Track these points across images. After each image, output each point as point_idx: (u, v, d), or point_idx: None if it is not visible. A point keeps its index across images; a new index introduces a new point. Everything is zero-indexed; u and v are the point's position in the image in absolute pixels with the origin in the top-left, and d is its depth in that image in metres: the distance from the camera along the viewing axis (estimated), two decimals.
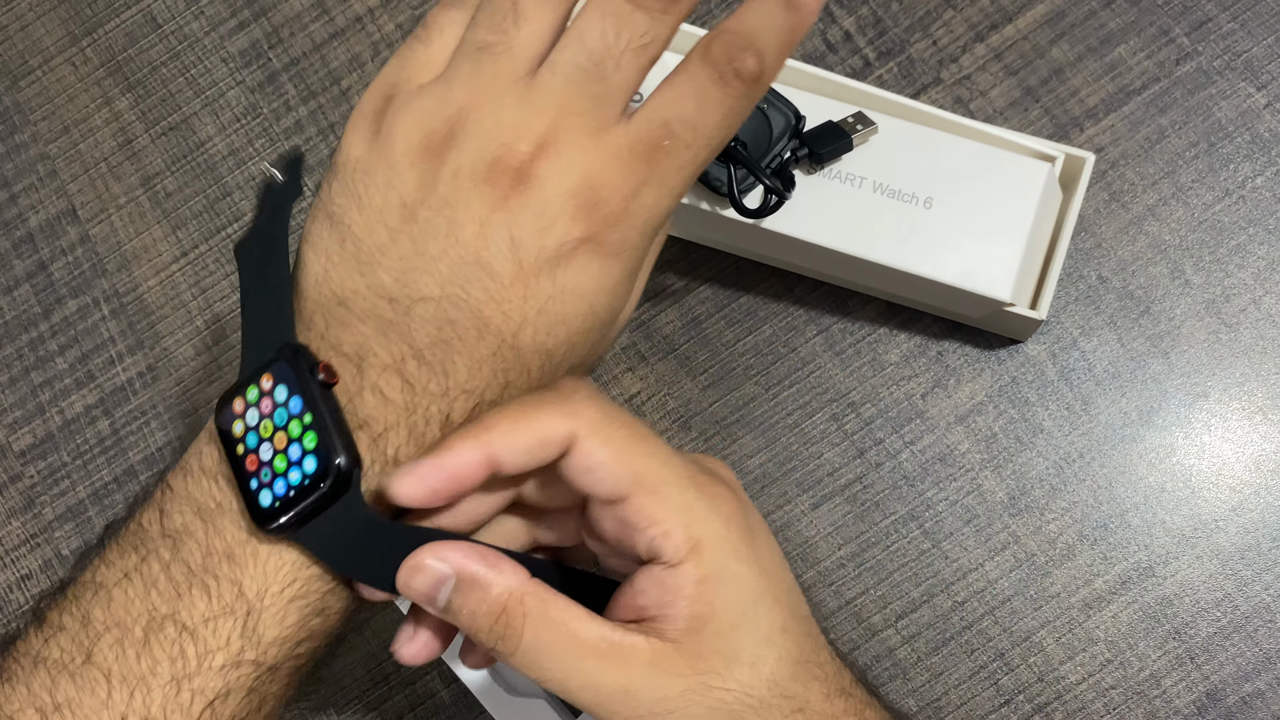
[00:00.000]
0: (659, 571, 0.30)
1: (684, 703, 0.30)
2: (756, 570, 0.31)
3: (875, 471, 0.46)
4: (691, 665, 0.30)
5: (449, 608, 0.29)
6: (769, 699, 0.31)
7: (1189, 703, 0.42)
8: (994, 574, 0.44)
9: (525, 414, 0.30)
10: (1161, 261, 0.46)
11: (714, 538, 0.31)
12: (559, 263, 0.30)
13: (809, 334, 0.47)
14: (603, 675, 0.29)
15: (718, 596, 0.30)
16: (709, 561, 0.30)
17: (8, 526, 0.50)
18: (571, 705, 0.44)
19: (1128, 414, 0.45)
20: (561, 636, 0.29)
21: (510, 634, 0.29)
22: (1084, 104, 0.48)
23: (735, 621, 0.31)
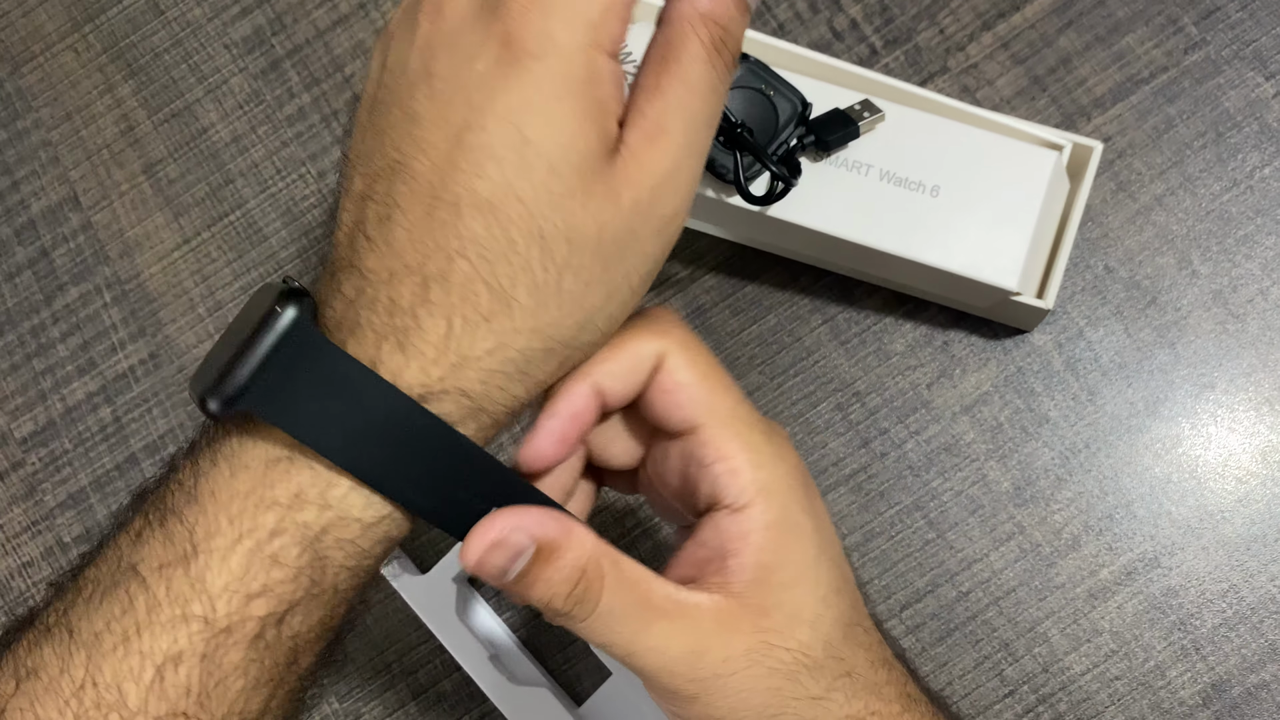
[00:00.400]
0: (723, 517, 0.30)
1: (747, 663, 0.29)
2: (817, 525, 0.31)
3: (880, 461, 0.45)
4: (755, 623, 0.29)
5: (522, 578, 0.27)
6: (823, 660, 0.30)
7: (1194, 694, 0.42)
8: (999, 564, 0.44)
9: (617, 339, 0.29)
10: (1169, 252, 0.46)
11: (781, 485, 0.30)
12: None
13: (814, 323, 0.47)
14: (671, 637, 0.29)
15: (783, 546, 0.30)
16: (776, 507, 0.30)
17: (9, 514, 0.49)
18: (578, 691, 0.44)
19: (1134, 404, 0.45)
20: (635, 599, 0.28)
21: (589, 598, 0.28)
22: (1091, 93, 0.47)
23: (799, 575, 0.30)
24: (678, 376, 0.29)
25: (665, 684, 0.29)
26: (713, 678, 0.29)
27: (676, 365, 0.29)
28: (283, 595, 0.27)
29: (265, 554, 0.27)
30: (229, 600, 0.27)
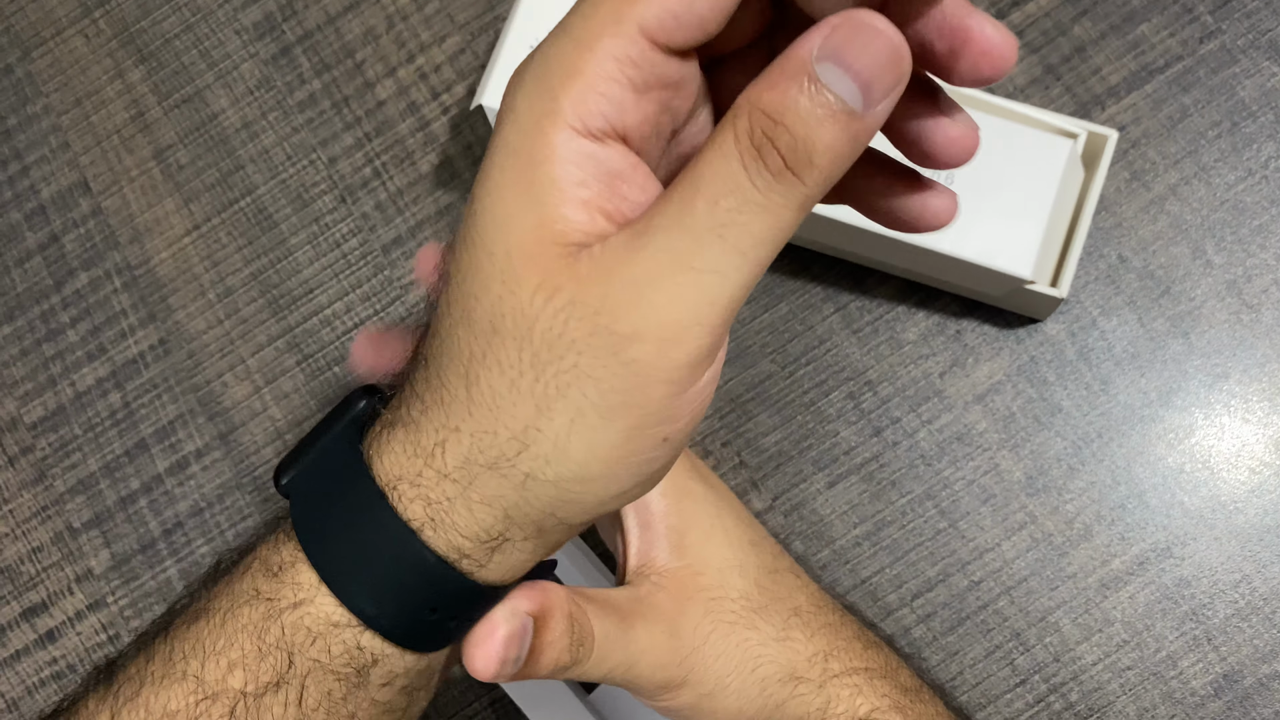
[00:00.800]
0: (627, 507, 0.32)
1: (711, 625, 0.31)
2: (709, 487, 0.33)
3: (892, 450, 0.45)
4: (695, 582, 0.31)
5: (529, 652, 0.27)
6: (765, 603, 0.32)
7: (1206, 684, 0.42)
8: (1010, 554, 0.44)
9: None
10: (1183, 241, 0.46)
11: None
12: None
13: (826, 312, 0.47)
14: (651, 633, 0.30)
15: (684, 509, 0.32)
16: (666, 482, 0.32)
17: (19, 498, 0.49)
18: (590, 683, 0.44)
19: (1147, 394, 0.45)
20: (614, 618, 0.30)
21: (586, 638, 0.28)
22: (1106, 82, 0.47)
23: (709, 531, 0.32)
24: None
25: (660, 679, 0.30)
26: (692, 651, 0.31)
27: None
28: (254, 673, 0.26)
29: (251, 630, 0.26)
30: (215, 665, 0.26)
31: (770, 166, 0.19)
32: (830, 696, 0.32)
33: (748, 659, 0.31)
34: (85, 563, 0.49)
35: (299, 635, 0.25)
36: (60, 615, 0.48)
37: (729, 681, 0.31)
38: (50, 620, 0.48)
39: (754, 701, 0.31)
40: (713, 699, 0.31)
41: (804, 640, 0.32)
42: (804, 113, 0.19)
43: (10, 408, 0.50)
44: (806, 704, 0.32)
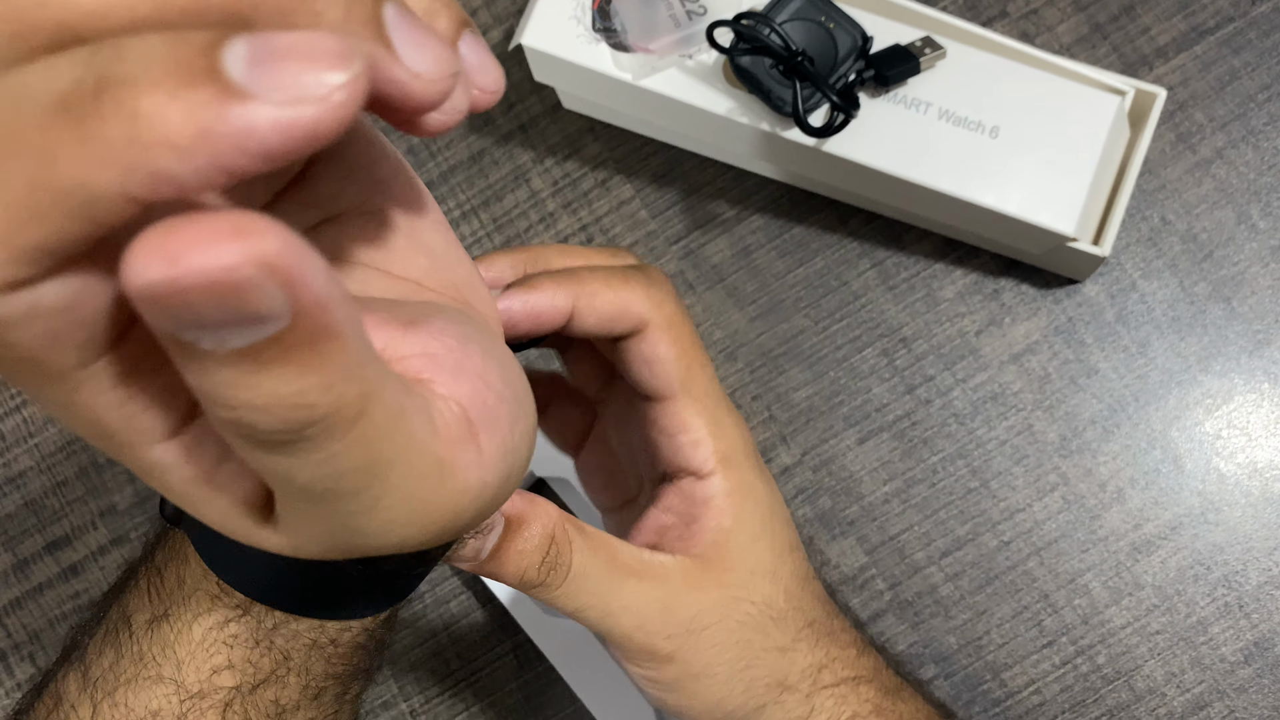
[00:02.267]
0: (688, 484, 0.31)
1: (717, 617, 0.30)
2: (770, 490, 0.33)
3: (925, 408, 0.45)
4: (719, 579, 0.31)
5: (495, 556, 0.28)
6: (786, 611, 0.32)
7: (1236, 650, 0.42)
8: (1041, 515, 0.44)
9: (615, 282, 0.30)
10: (1228, 205, 0.45)
11: (738, 455, 0.32)
12: None
13: (862, 267, 0.46)
14: (642, 594, 0.29)
15: (743, 509, 0.31)
16: (735, 475, 0.31)
17: (44, 432, 0.49)
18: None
19: (1186, 359, 0.44)
20: (604, 559, 0.29)
21: (561, 563, 0.28)
22: (1154, 42, 0.46)
23: (756, 535, 0.32)
24: (658, 351, 0.30)
25: (641, 643, 0.30)
26: (686, 633, 0.30)
27: (658, 338, 0.30)
28: (246, 671, 0.27)
29: (224, 634, 0.26)
30: (196, 669, 0.26)
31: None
32: (814, 706, 0.32)
33: (743, 657, 0.31)
34: (109, 498, 0.49)
35: (292, 633, 0.27)
36: (83, 549, 0.48)
37: (717, 670, 0.31)
38: (74, 554, 0.48)
39: (735, 697, 0.31)
40: (696, 681, 0.31)
41: (806, 652, 0.32)
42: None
43: None
44: (787, 712, 0.32)
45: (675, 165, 0.48)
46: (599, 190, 0.48)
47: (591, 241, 0.48)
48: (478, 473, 0.18)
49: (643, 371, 0.30)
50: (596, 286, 0.29)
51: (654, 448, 0.32)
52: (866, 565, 0.44)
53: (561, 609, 0.29)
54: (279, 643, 0.27)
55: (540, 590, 0.29)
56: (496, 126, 0.50)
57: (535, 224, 0.49)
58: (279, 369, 0.13)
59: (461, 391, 0.18)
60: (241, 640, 0.26)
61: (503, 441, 0.19)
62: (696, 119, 0.43)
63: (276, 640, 0.27)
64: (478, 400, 0.19)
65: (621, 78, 0.42)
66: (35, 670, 0.47)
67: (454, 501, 0.18)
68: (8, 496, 0.49)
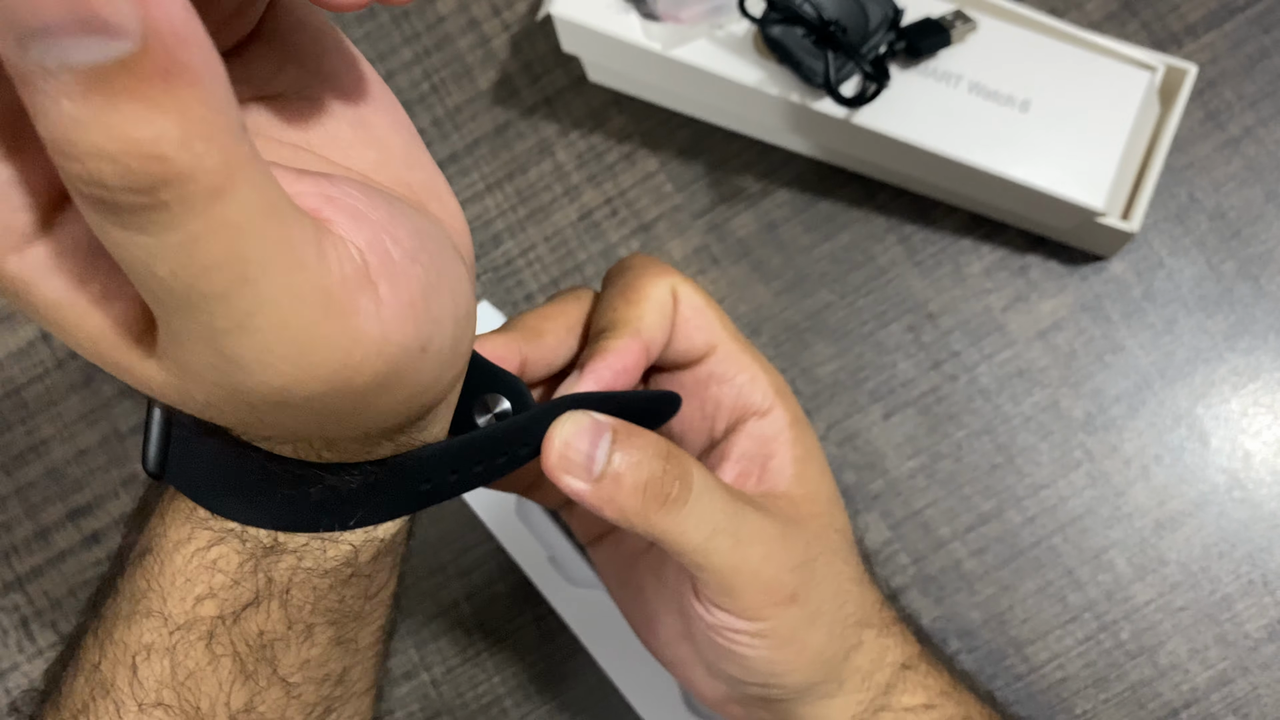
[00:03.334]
0: (754, 424, 0.31)
1: (820, 546, 0.30)
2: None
3: (950, 384, 0.45)
4: (810, 509, 0.30)
5: (610, 469, 0.25)
6: (850, 546, 0.32)
7: (1260, 627, 0.42)
8: (1066, 491, 0.43)
9: (634, 293, 0.30)
10: (1256, 184, 0.45)
11: (786, 389, 0.32)
12: None
13: (889, 242, 0.46)
14: (765, 521, 0.28)
15: (806, 439, 0.31)
16: (791, 406, 0.32)
17: (67, 400, 0.49)
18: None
19: (1213, 336, 0.44)
20: (718, 479, 0.28)
21: (685, 475, 0.26)
22: (1184, 19, 0.46)
23: (822, 465, 0.32)
24: (693, 302, 0.30)
25: (768, 579, 0.27)
26: (804, 563, 0.29)
27: (688, 294, 0.30)
28: (227, 600, 0.25)
29: (206, 559, 0.25)
30: (180, 599, 0.25)
31: None
32: (886, 645, 0.31)
33: (839, 592, 0.30)
34: (131, 466, 0.49)
35: (275, 559, 0.25)
36: (105, 518, 0.48)
37: (824, 610, 0.29)
38: (95, 522, 0.48)
39: (834, 642, 0.29)
40: (810, 625, 0.29)
41: (868, 587, 0.32)
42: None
43: None
44: (868, 653, 0.31)
45: (701, 139, 0.48)
46: (624, 163, 0.48)
47: (616, 215, 0.48)
48: (376, 325, 0.18)
49: (689, 331, 0.30)
50: (630, 309, 0.29)
51: (715, 409, 0.31)
52: (890, 540, 0.44)
53: (690, 540, 0.26)
54: (262, 568, 0.25)
55: (665, 513, 0.26)
56: (522, 99, 0.49)
57: (559, 197, 0.48)
58: (128, 104, 0.13)
59: (360, 238, 0.18)
60: (221, 567, 0.25)
61: (410, 303, 0.18)
62: (726, 90, 0.43)
63: (260, 566, 0.25)
64: (379, 249, 0.18)
65: (651, 48, 0.42)
66: (57, 637, 0.47)
67: (342, 346, 0.17)
68: (30, 465, 0.49)
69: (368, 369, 0.18)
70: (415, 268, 0.19)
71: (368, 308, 0.18)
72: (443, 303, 0.20)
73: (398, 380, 0.19)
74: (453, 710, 0.45)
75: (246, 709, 0.26)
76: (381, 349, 0.18)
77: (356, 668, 0.28)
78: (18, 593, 0.48)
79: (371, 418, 0.20)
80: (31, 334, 0.50)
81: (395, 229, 0.19)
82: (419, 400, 0.21)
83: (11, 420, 0.49)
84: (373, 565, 0.26)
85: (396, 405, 0.20)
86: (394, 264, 0.18)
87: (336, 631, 0.27)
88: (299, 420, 0.19)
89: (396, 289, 0.18)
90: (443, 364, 0.20)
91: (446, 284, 0.20)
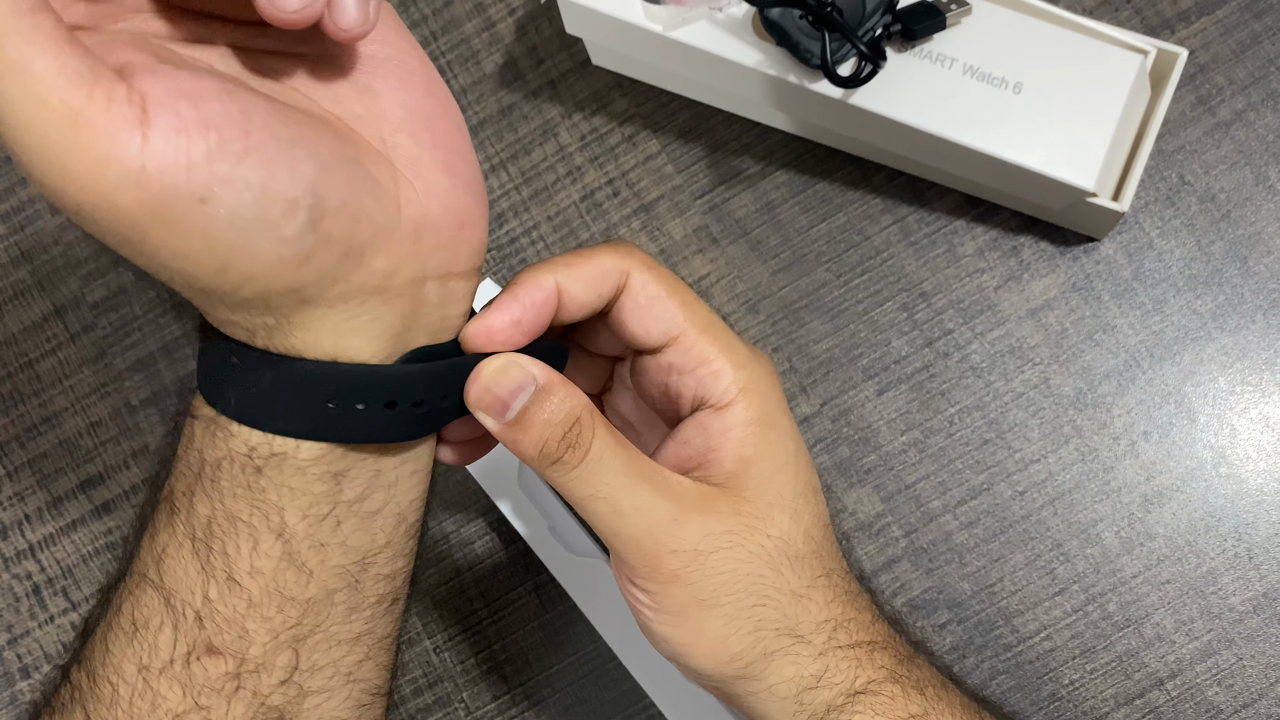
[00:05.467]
0: (706, 416, 0.31)
1: (728, 542, 0.29)
2: (793, 427, 0.32)
3: (943, 361, 0.46)
4: (735, 507, 0.30)
5: (521, 417, 0.28)
6: (804, 553, 0.31)
7: (1245, 600, 0.43)
8: (1055, 467, 0.44)
9: (582, 251, 0.30)
10: (1246, 166, 0.46)
11: (761, 385, 0.31)
12: None
13: (884, 223, 0.47)
14: (655, 501, 0.29)
15: (764, 440, 0.30)
16: (757, 405, 0.31)
17: (79, 374, 0.50)
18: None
19: (1201, 316, 0.45)
20: (623, 456, 0.29)
21: (580, 444, 0.28)
22: (1177, 5, 0.47)
23: (779, 469, 0.31)
24: (649, 291, 0.30)
25: (648, 552, 0.29)
26: (694, 552, 0.29)
27: (645, 280, 0.30)
28: (181, 474, 0.29)
29: (187, 437, 0.29)
30: (173, 478, 0.29)
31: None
32: (828, 666, 0.31)
33: (751, 592, 0.30)
34: (142, 438, 0.50)
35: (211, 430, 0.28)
36: (116, 488, 0.49)
37: (724, 601, 0.29)
38: (106, 493, 0.49)
39: (743, 637, 0.30)
40: (702, 610, 0.29)
41: (821, 605, 0.31)
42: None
43: (74, 286, 0.51)
44: (800, 666, 0.30)
45: (701, 121, 0.49)
46: (626, 145, 0.49)
47: (618, 195, 0.49)
48: (135, 157, 0.22)
49: (643, 319, 0.30)
50: (568, 258, 0.30)
51: (673, 392, 0.31)
52: (883, 513, 0.45)
53: (573, 495, 0.29)
54: (206, 444, 0.28)
55: (556, 469, 0.29)
56: (526, 82, 0.50)
57: (562, 177, 0.49)
58: None
59: (152, 94, 0.22)
60: (193, 444, 0.28)
61: (185, 153, 0.22)
62: (725, 71, 0.43)
63: (205, 441, 0.28)
64: (167, 107, 0.22)
65: (652, 29, 0.43)
66: (69, 604, 0.48)
67: (92, 159, 0.21)
68: (43, 436, 0.50)
69: (128, 194, 0.22)
70: (210, 135, 0.22)
71: (129, 139, 0.22)
72: (255, 179, 0.23)
73: (175, 221, 0.23)
74: (454, 677, 0.46)
75: (205, 599, 0.28)
76: (140, 179, 0.22)
77: (330, 607, 0.29)
78: (30, 560, 0.49)
79: (178, 263, 0.24)
80: (45, 309, 0.51)
81: (200, 97, 0.23)
82: (235, 266, 0.24)
83: (25, 393, 0.50)
84: (298, 479, 0.28)
85: (198, 256, 0.23)
86: (179, 121, 0.22)
87: (283, 547, 0.28)
88: (110, 239, 0.23)
89: (171, 139, 0.22)
90: (244, 231, 0.23)
91: (278, 172, 0.23)
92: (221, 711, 0.27)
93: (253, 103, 0.24)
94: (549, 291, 0.29)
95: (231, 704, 0.27)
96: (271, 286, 0.25)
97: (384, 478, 0.29)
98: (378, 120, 0.27)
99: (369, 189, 0.25)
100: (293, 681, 0.28)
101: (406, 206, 0.26)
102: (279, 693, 0.28)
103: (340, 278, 0.25)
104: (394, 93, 0.27)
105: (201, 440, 0.28)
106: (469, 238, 0.28)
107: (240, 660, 0.27)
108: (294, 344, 0.26)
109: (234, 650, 0.27)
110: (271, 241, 0.24)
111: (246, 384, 0.27)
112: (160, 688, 0.27)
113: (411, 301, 0.27)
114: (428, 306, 0.27)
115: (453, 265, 0.27)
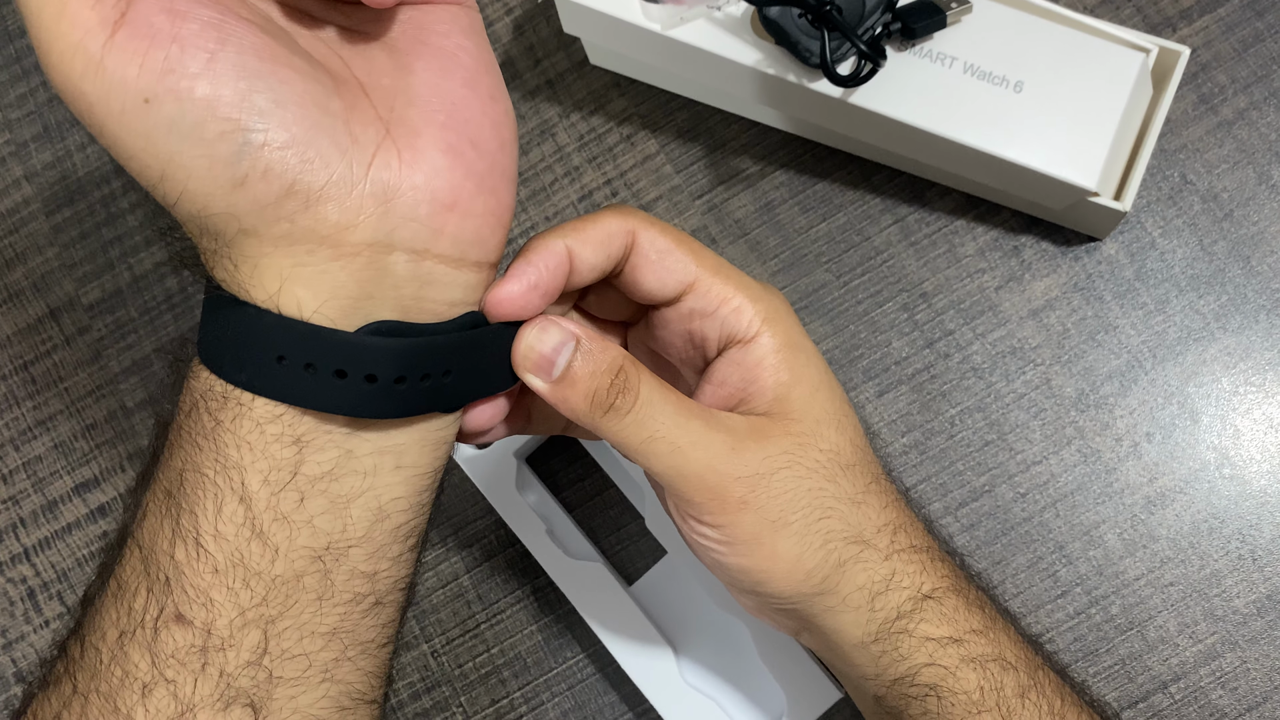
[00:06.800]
0: (736, 352, 0.32)
1: (786, 461, 0.31)
2: (816, 350, 0.33)
3: (944, 362, 0.45)
4: (785, 428, 0.31)
5: (568, 373, 0.29)
6: (854, 461, 0.32)
7: (1249, 602, 0.42)
8: (1058, 468, 0.44)
9: (588, 217, 0.31)
10: (1248, 165, 0.45)
11: (780, 313, 0.32)
12: None
13: (884, 223, 0.47)
14: (711, 434, 0.30)
15: (796, 363, 0.32)
16: (781, 333, 0.32)
17: (75, 376, 0.50)
18: (629, 573, 0.44)
19: (1204, 316, 0.45)
20: (669, 395, 0.30)
21: (630, 388, 0.29)
22: (1178, 3, 0.47)
23: (816, 385, 0.32)
24: (658, 245, 0.31)
25: (713, 485, 0.30)
26: (757, 476, 0.30)
27: (653, 235, 0.31)
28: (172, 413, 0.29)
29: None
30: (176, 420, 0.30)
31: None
32: (895, 569, 0.32)
33: (816, 506, 0.31)
34: (138, 441, 0.49)
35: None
36: (111, 491, 0.49)
37: (793, 519, 0.30)
38: (102, 495, 0.49)
39: (815, 552, 0.31)
40: (774, 532, 0.30)
41: (878, 509, 0.32)
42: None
43: (69, 288, 0.51)
44: (870, 571, 0.31)
45: (700, 121, 0.49)
46: (624, 145, 0.49)
47: (616, 195, 0.49)
48: (97, 49, 0.23)
49: (657, 272, 0.31)
50: (575, 224, 0.31)
51: (699, 338, 0.32)
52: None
53: (629, 443, 0.30)
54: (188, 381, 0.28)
55: (610, 418, 0.29)
56: (524, 81, 0.50)
57: (560, 178, 0.49)
58: None
59: (137, 8, 0.24)
60: (191, 384, 0.28)
61: (142, 56, 0.24)
62: (723, 70, 0.43)
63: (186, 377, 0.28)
64: (141, 17, 0.24)
65: (650, 28, 0.43)
66: (63, 609, 0.48)
67: (66, 44, 0.24)
68: (38, 439, 0.50)
69: (88, 82, 0.24)
70: (172, 48, 0.24)
71: (98, 34, 0.23)
72: (201, 94, 0.24)
73: (124, 118, 0.24)
74: (452, 681, 0.45)
75: (173, 561, 0.28)
76: (98, 71, 0.24)
77: (299, 592, 0.28)
78: (25, 564, 0.48)
79: (130, 164, 0.25)
80: (40, 311, 0.51)
81: (204, 38, 0.24)
82: (172, 175, 0.25)
83: (20, 395, 0.50)
84: (256, 436, 0.27)
85: (141, 156, 0.25)
86: (148, 29, 0.24)
87: (245, 512, 0.27)
88: (91, 129, 0.25)
89: (134, 42, 0.24)
90: (182, 140, 0.24)
91: (226, 94, 0.24)
92: (189, 687, 0.27)
93: (240, 35, 0.24)
94: (561, 255, 0.30)
95: (199, 681, 0.27)
96: (209, 207, 0.25)
97: (357, 462, 0.28)
98: (397, 94, 0.27)
99: (333, 139, 0.25)
100: (261, 665, 0.27)
101: (380, 169, 0.26)
102: (246, 674, 0.27)
103: (283, 216, 0.25)
104: (429, 75, 0.27)
105: (188, 385, 0.28)
106: (456, 221, 0.27)
107: (206, 633, 0.27)
108: (243, 281, 0.26)
109: (200, 621, 0.27)
110: (206, 158, 0.24)
111: (212, 326, 0.27)
112: (132, 654, 0.27)
113: (371, 267, 0.26)
114: (394, 279, 0.26)
115: (430, 244, 0.27)
